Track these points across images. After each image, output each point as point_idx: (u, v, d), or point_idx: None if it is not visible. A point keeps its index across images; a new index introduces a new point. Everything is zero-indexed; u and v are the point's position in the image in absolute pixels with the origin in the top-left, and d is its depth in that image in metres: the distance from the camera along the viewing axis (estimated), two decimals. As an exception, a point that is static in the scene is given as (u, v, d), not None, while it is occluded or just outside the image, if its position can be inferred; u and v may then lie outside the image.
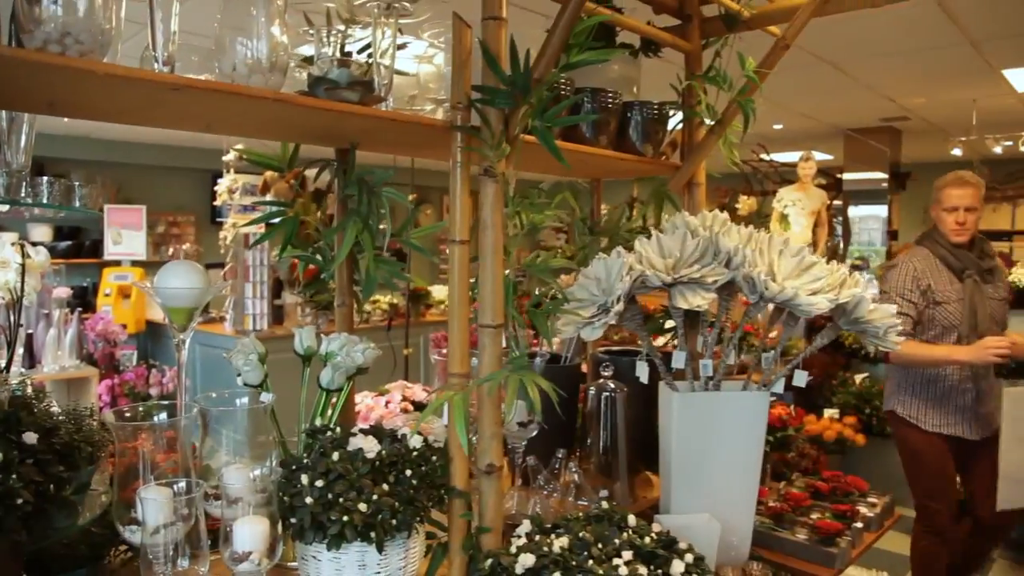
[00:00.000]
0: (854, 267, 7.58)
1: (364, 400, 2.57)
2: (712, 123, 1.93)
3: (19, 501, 1.00)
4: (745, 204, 5.60)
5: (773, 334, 1.90)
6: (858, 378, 4.94)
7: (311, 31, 1.49)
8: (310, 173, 1.65)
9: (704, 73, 1.94)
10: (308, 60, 1.49)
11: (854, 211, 7.36)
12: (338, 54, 1.54)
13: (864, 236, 8.50)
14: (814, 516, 2.16)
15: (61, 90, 1.03)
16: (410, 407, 2.47)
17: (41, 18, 0.92)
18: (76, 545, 1.35)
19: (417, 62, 1.58)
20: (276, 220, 1.56)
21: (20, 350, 2.52)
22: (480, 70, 1.35)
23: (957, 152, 6.76)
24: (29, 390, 1.37)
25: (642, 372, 1.77)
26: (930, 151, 7.18)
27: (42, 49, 0.91)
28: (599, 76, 1.87)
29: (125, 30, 1.08)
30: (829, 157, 7.79)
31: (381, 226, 1.47)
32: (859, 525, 2.14)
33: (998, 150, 6.59)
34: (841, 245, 6.69)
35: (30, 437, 1.12)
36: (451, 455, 1.39)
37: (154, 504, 1.09)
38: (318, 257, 1.61)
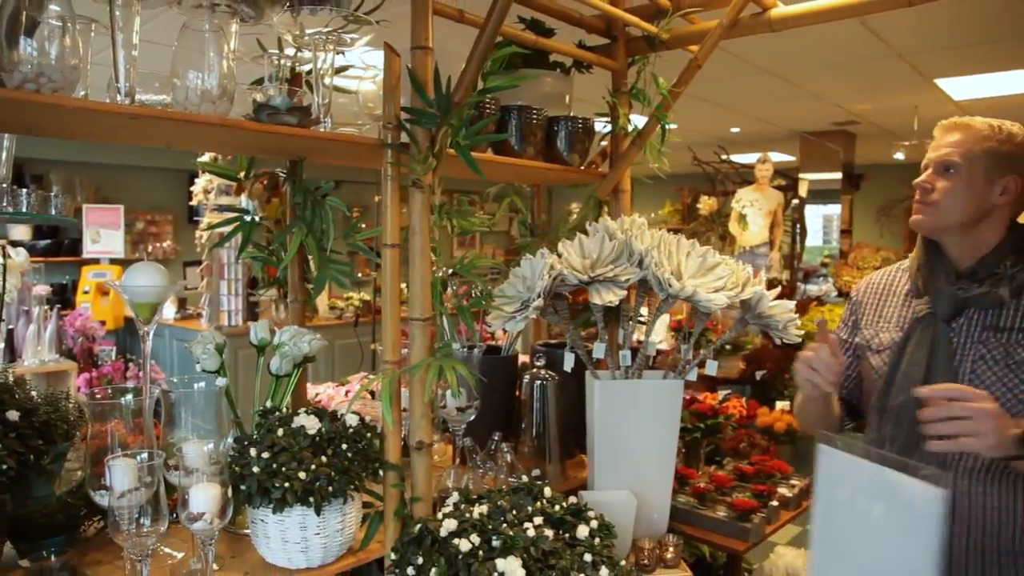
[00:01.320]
0: (823, 264, 7.80)
1: (326, 390, 2.76)
2: (635, 135, 2.13)
3: (3, 467, 1.18)
4: (706, 204, 5.81)
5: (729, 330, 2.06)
6: (809, 371, 5.16)
7: (262, 56, 1.68)
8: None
9: (629, 90, 2.14)
10: (259, 81, 1.68)
11: (810, 210, 7.61)
12: (287, 75, 1.74)
13: (820, 236, 8.75)
14: (736, 495, 2.37)
15: (37, 119, 1.21)
16: (368, 396, 2.66)
17: (19, 60, 1.11)
18: (54, 515, 1.52)
19: (358, 82, 1.76)
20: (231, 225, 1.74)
21: (1, 345, 2.68)
22: (411, 92, 1.54)
23: (900, 156, 7.03)
24: (11, 378, 1.56)
25: (568, 362, 1.96)
26: (882, 153, 7.46)
27: (20, 87, 1.09)
28: (533, 92, 2.06)
29: (95, 59, 1.26)
30: (791, 158, 8.06)
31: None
32: (775, 503, 2.35)
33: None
34: (799, 243, 6.94)
35: (12, 415, 1.30)
36: (384, 433, 1.58)
37: (120, 470, 1.27)
38: (272, 257, 1.80)
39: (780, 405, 4.81)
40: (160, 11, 1.41)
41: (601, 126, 2.21)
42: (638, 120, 2.17)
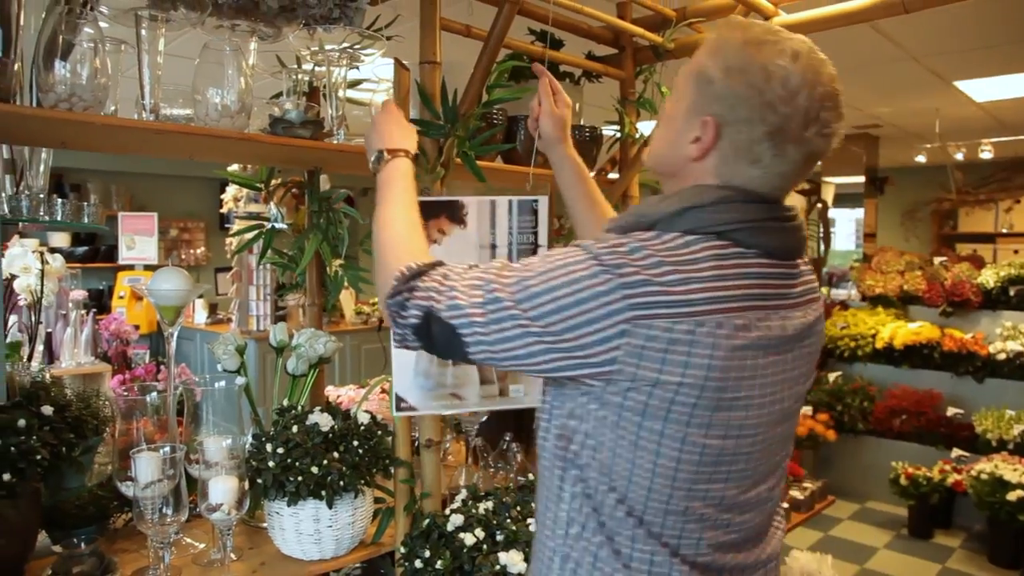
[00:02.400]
0: (851, 268, 7.74)
1: (347, 392, 2.84)
2: (642, 142, 2.18)
3: (38, 457, 1.27)
4: (729, 209, 5.77)
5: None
6: (832, 376, 5.16)
7: (281, 71, 1.77)
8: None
9: (636, 99, 2.19)
10: (279, 95, 1.77)
11: (840, 214, 7.55)
12: (305, 89, 1.82)
13: (852, 239, 8.67)
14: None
15: (70, 134, 1.30)
16: (386, 397, 2.73)
17: (54, 82, 1.20)
18: (86, 506, 1.61)
19: (372, 94, 1.85)
20: (253, 232, 1.83)
21: (40, 347, 2.81)
22: (420, 104, 1.62)
23: (921, 159, 6.96)
24: (47, 377, 1.66)
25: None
26: (906, 156, 7.39)
27: (54, 107, 1.18)
28: (544, 102, 2.13)
29: (125, 73, 1.35)
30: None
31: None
32: (785, 505, 2.38)
33: (959, 156, 6.79)
34: (821, 247, 6.90)
35: (47, 410, 1.39)
36: (395, 430, 1.65)
37: (144, 463, 1.36)
38: (292, 263, 1.89)
39: (802, 409, 4.82)
40: (184, 30, 1.51)
41: (611, 132, 2.27)
42: (647, 127, 2.22)
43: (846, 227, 11.55)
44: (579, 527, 1.00)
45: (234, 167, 3.97)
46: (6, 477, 1.22)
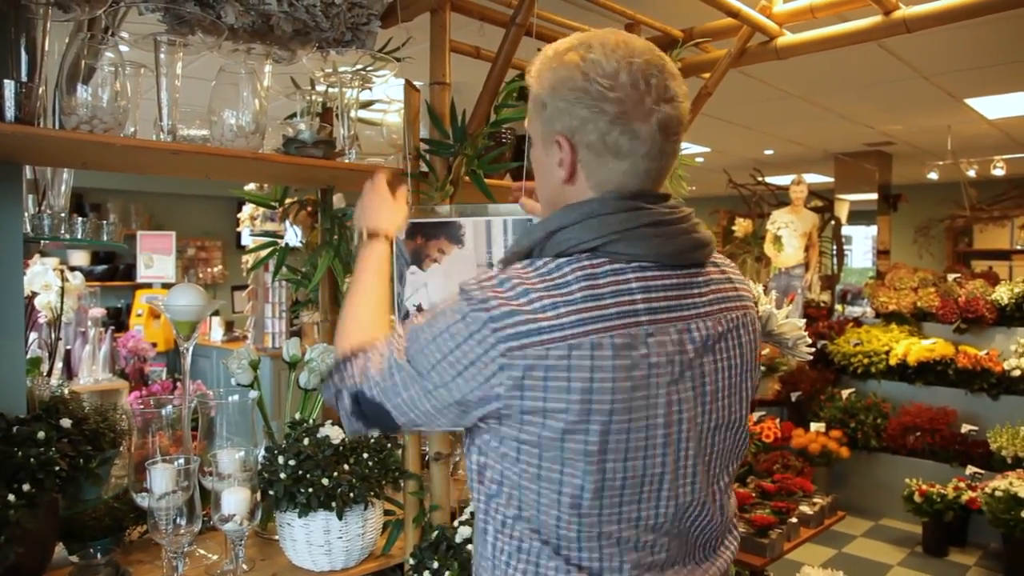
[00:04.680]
0: (866, 285, 7.73)
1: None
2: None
3: (56, 468, 1.31)
4: (741, 227, 5.82)
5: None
6: (845, 393, 5.13)
7: (295, 93, 1.82)
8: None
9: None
10: (294, 115, 1.82)
11: (856, 231, 7.52)
12: (319, 110, 1.87)
13: (869, 257, 8.62)
14: (755, 512, 2.40)
15: (90, 155, 1.35)
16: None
17: (75, 105, 1.25)
18: (102, 518, 1.65)
19: (384, 114, 1.89)
20: (268, 249, 1.87)
21: (59, 363, 2.86)
22: (430, 124, 1.66)
23: (933, 176, 6.94)
24: (66, 392, 1.70)
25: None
26: (919, 173, 7.37)
27: (76, 129, 1.23)
28: (552, 121, 2.17)
29: (145, 95, 1.40)
30: (828, 179, 8.02)
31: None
32: (794, 520, 2.37)
33: (971, 173, 6.77)
34: (835, 266, 6.88)
35: (66, 422, 1.43)
36: (405, 443, 1.68)
37: (159, 474, 1.39)
38: (305, 280, 1.93)
39: (815, 427, 4.80)
40: (201, 54, 1.56)
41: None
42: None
43: (863, 244, 11.47)
44: (506, 557, 1.00)
45: (251, 186, 4.04)
46: (25, 487, 1.26)
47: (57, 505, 1.40)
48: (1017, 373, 4.62)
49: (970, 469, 4.44)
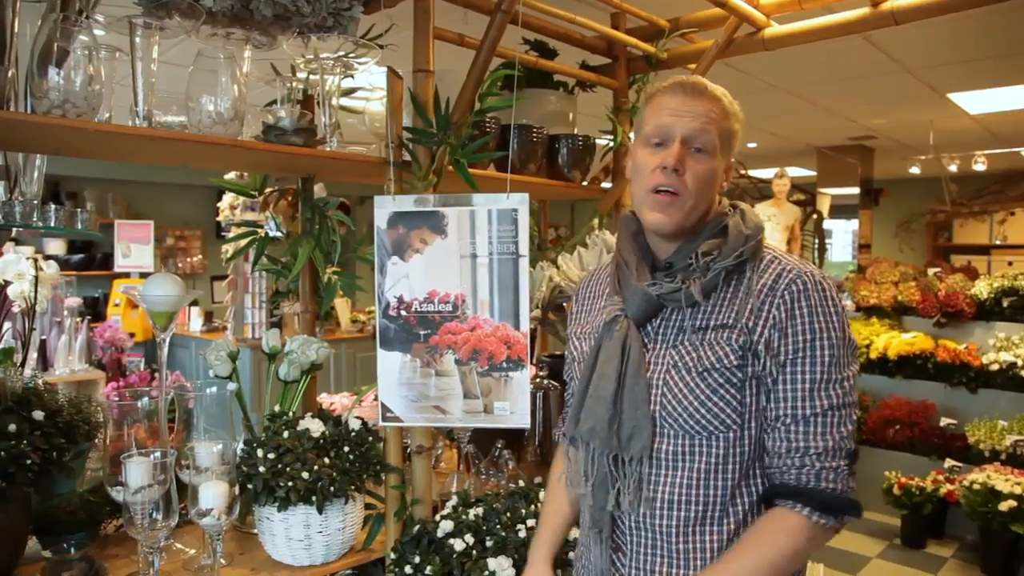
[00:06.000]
0: (847, 279, 7.79)
1: (340, 399, 2.84)
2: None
3: (28, 462, 1.28)
4: (724, 219, 5.80)
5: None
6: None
7: (275, 79, 1.78)
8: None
9: (629, 108, 2.21)
10: (274, 103, 1.78)
11: (837, 225, 7.56)
12: (300, 97, 1.84)
13: (849, 251, 8.68)
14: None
15: (63, 141, 1.31)
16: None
17: (47, 88, 1.21)
18: (76, 512, 1.61)
19: (366, 102, 1.86)
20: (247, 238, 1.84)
21: (34, 354, 2.80)
22: (413, 113, 1.63)
23: (915, 170, 6.99)
24: (40, 383, 1.66)
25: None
26: (901, 168, 7.42)
27: (48, 113, 1.19)
28: (537, 110, 2.15)
29: (121, 81, 1.36)
30: (810, 172, 8.05)
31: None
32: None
33: (953, 168, 6.82)
34: (817, 259, 6.91)
35: (38, 415, 1.39)
36: (386, 437, 1.66)
37: (135, 468, 1.36)
38: (285, 271, 1.89)
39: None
40: (179, 38, 1.52)
41: (604, 142, 2.28)
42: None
43: (843, 238, 11.55)
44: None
45: (231, 175, 3.99)
46: (-4, 481, 1.23)
47: (29, 499, 1.36)
48: (995, 367, 4.67)
49: (948, 462, 4.48)
